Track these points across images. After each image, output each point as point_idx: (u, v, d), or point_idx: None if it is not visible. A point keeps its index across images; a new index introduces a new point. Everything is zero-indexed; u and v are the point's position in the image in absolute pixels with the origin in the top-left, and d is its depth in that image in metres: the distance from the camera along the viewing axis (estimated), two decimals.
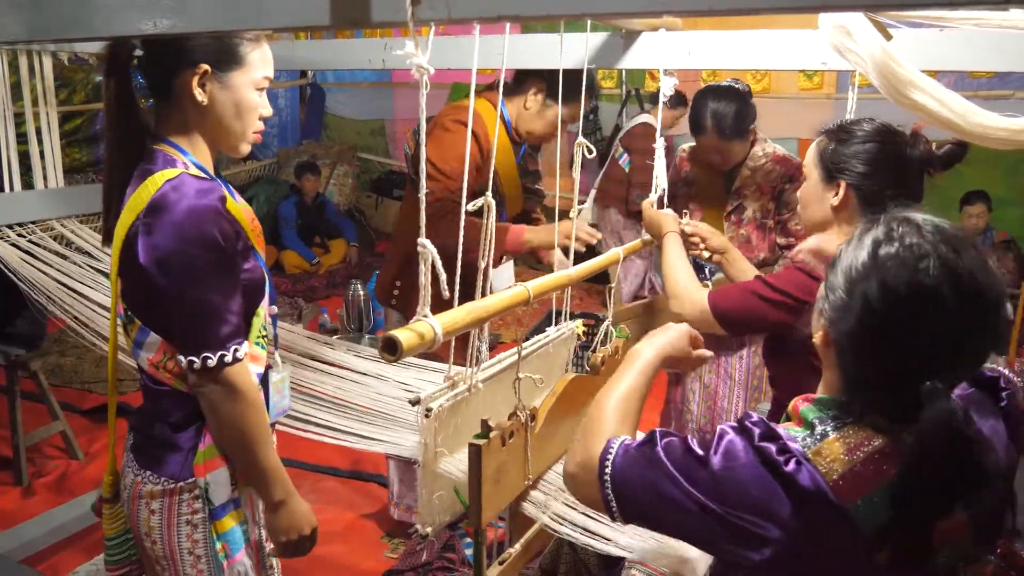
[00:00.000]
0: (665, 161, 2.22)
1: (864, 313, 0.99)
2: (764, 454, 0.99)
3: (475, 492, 1.43)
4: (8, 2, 1.36)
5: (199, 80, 1.37)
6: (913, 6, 0.74)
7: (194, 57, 1.36)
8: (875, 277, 0.98)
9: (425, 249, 1.07)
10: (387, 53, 2.62)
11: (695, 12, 0.85)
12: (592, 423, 1.20)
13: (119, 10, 1.22)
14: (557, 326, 1.92)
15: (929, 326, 0.96)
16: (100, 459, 3.58)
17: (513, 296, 1.36)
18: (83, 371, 4.56)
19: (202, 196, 1.31)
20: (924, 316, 0.96)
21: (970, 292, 0.95)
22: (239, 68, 1.39)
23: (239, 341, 1.36)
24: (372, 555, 2.89)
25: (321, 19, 1.04)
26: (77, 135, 6.08)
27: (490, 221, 1.42)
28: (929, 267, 0.95)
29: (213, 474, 1.43)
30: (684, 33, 2.19)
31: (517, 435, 1.54)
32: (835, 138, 1.65)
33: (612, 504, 1.10)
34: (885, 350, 0.99)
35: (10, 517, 3.03)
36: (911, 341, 0.97)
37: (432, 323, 1.07)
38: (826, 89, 5.65)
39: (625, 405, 1.22)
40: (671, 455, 1.05)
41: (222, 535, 1.45)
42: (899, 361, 0.98)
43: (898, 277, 0.96)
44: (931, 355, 0.97)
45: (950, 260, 0.95)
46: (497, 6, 0.92)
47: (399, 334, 1.02)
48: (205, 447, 1.43)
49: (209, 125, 1.42)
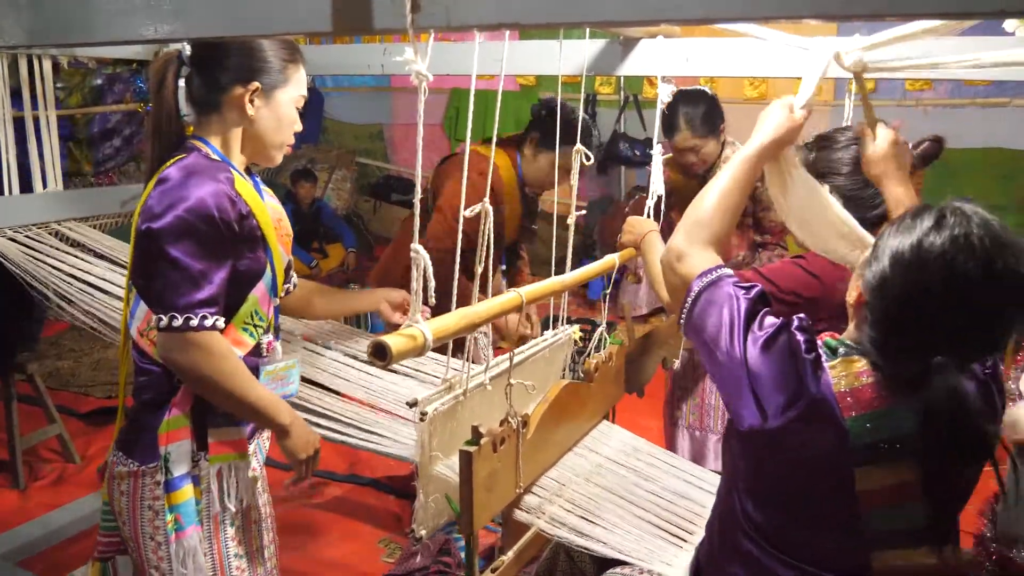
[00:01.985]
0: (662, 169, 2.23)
1: (901, 293, 1.10)
2: (794, 339, 1.17)
3: (467, 499, 1.44)
4: (8, 6, 1.36)
5: (250, 96, 1.48)
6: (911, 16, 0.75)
7: (248, 75, 1.48)
8: (916, 265, 1.08)
9: (418, 255, 1.08)
10: (386, 58, 2.63)
11: (693, 20, 0.86)
12: (692, 218, 1.36)
13: (120, 15, 1.22)
14: (554, 331, 1.92)
15: (955, 316, 1.07)
16: (97, 462, 3.57)
17: (505, 302, 1.37)
18: (80, 375, 4.56)
19: (206, 171, 1.40)
20: (952, 307, 1.07)
21: (1000, 288, 1.05)
22: (284, 86, 1.51)
23: (212, 311, 1.39)
24: (369, 559, 2.89)
25: (323, 26, 1.04)
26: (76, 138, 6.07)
27: (487, 226, 1.42)
28: (966, 263, 1.05)
29: (175, 445, 1.46)
30: (682, 40, 2.21)
31: (509, 441, 1.54)
32: (816, 147, 1.72)
33: (684, 311, 1.28)
34: (910, 326, 1.11)
35: (7, 520, 3.02)
36: (935, 323, 1.09)
37: (423, 328, 1.08)
38: (824, 96, 5.66)
39: (724, 203, 1.36)
40: (747, 308, 1.21)
41: (175, 507, 1.46)
42: (920, 337, 1.10)
43: (936, 271, 1.07)
44: (952, 338, 1.09)
45: (987, 254, 1.05)
46: (496, 14, 0.93)
47: (389, 339, 1.02)
48: (171, 417, 1.46)
49: (250, 135, 1.53)
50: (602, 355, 1.92)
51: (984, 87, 5.04)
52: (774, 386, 1.15)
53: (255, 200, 1.49)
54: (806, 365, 1.15)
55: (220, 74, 1.48)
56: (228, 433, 1.53)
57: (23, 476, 3.35)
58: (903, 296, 1.10)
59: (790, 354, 1.16)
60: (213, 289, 1.39)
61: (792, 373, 1.15)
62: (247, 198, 1.47)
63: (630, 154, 6.16)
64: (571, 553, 1.70)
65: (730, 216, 1.37)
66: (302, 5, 1.05)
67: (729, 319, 1.20)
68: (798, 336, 1.18)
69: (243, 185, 1.48)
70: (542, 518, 1.61)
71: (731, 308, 1.21)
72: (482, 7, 0.92)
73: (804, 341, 1.18)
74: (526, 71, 2.37)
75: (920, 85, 5.26)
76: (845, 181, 1.65)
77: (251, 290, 1.50)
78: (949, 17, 0.70)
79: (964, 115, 5.24)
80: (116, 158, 6.20)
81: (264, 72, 1.49)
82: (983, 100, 5.16)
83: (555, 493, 1.68)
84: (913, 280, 1.09)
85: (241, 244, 1.46)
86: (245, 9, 1.11)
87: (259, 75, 1.49)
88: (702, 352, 1.27)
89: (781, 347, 1.17)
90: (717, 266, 1.29)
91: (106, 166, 6.17)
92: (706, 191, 1.38)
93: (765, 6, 0.79)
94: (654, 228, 2.05)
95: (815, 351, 1.18)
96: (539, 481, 1.70)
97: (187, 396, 1.48)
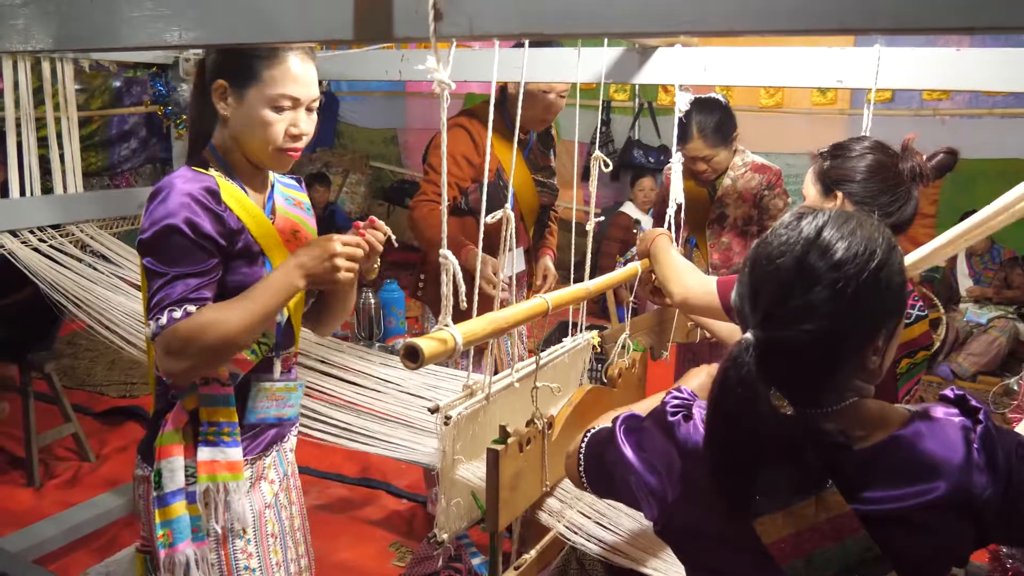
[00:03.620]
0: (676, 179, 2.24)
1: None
2: (663, 407, 1.13)
3: (492, 496, 1.46)
4: (36, 12, 1.38)
5: (220, 94, 1.43)
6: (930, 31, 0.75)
7: (216, 72, 1.44)
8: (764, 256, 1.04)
9: (447, 260, 1.09)
10: (403, 64, 2.65)
11: (714, 32, 0.86)
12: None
13: (145, 22, 1.24)
14: (572, 337, 1.93)
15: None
16: (112, 461, 3.60)
17: (532, 308, 1.39)
18: (96, 374, 4.60)
19: (186, 183, 1.37)
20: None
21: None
22: (255, 85, 1.41)
23: (188, 307, 1.32)
24: (381, 563, 2.89)
25: (344, 33, 1.05)
26: (94, 140, 6.13)
27: (509, 232, 1.43)
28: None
29: (167, 460, 1.43)
30: (700, 49, 2.21)
31: (534, 442, 1.55)
32: (831, 155, 1.72)
33: (581, 468, 1.26)
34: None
35: (23, 517, 3.05)
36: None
37: (453, 332, 1.09)
38: (840, 105, 5.65)
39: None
40: (626, 421, 1.18)
41: (166, 522, 1.43)
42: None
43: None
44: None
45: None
46: (518, 23, 0.94)
47: (421, 342, 1.03)
48: (164, 432, 1.44)
49: (233, 136, 1.47)
50: (625, 361, 1.93)
51: (1002, 97, 5.01)
52: (652, 463, 1.12)
53: (249, 213, 1.44)
54: (673, 427, 1.10)
55: (205, 74, 1.47)
56: (220, 452, 1.45)
57: (38, 474, 3.38)
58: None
59: (657, 426, 1.13)
60: (191, 289, 1.33)
61: (662, 442, 1.11)
62: (239, 211, 1.42)
63: (644, 161, 6.17)
64: (583, 561, 1.70)
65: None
66: (325, 13, 1.07)
67: (613, 446, 1.18)
68: (667, 401, 1.14)
69: (234, 198, 1.42)
70: (562, 522, 1.61)
71: (610, 435, 1.20)
72: (504, 17, 0.93)
73: (671, 407, 1.13)
74: (543, 78, 2.38)
75: (937, 95, 5.24)
76: (859, 189, 1.65)
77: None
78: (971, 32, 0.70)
79: (982, 125, 5.21)
80: (132, 160, 6.26)
81: (231, 69, 1.42)
82: (1001, 110, 5.13)
83: (576, 497, 1.69)
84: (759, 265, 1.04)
85: (232, 259, 1.41)
86: (268, 16, 1.13)
87: (226, 72, 1.43)
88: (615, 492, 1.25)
89: (650, 418, 1.15)
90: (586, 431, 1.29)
91: (123, 168, 6.23)
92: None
93: (785, 19, 0.80)
94: (664, 232, 2.05)
95: (683, 411, 1.12)
96: (561, 484, 1.71)
97: (181, 412, 1.45)
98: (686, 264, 1.92)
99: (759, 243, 1.06)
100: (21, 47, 1.40)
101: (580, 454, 1.26)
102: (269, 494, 1.57)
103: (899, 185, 1.65)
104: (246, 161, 1.49)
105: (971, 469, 0.98)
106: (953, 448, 1.00)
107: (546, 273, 2.79)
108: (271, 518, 1.57)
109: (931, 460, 0.99)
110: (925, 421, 1.03)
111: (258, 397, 1.52)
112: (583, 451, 1.26)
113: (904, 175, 1.65)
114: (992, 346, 4.77)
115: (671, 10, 0.85)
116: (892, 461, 1.00)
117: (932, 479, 0.98)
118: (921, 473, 0.99)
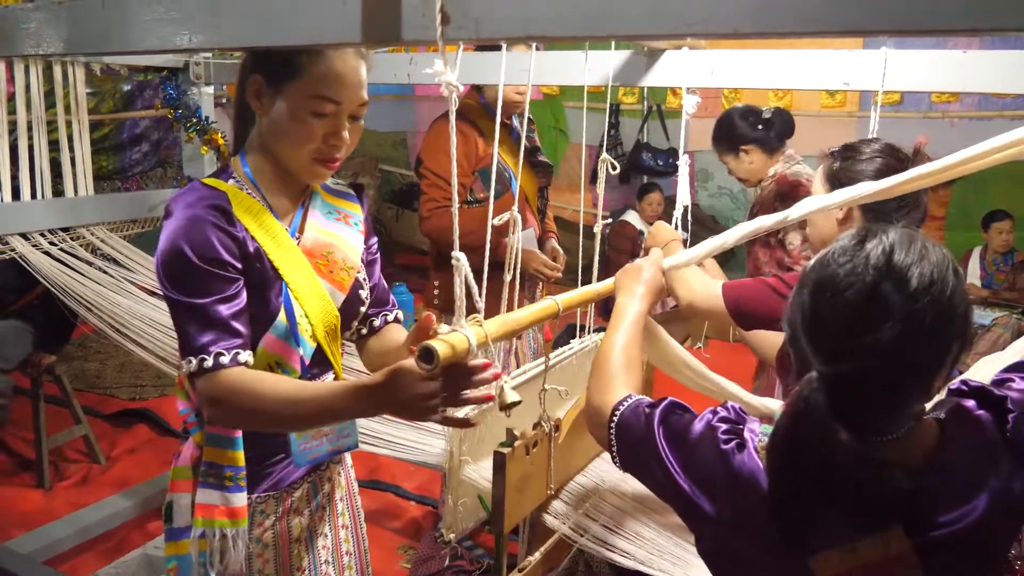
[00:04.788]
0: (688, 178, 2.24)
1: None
2: (713, 431, 1.09)
3: (499, 499, 1.46)
4: (47, 16, 1.40)
5: (255, 91, 1.30)
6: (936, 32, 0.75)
7: (252, 67, 1.30)
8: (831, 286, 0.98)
9: (459, 263, 1.09)
10: (412, 68, 2.65)
11: (720, 35, 0.86)
12: (603, 374, 1.33)
13: (156, 25, 1.24)
14: (581, 339, 1.93)
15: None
16: (121, 463, 3.62)
17: (543, 309, 1.39)
18: (106, 376, 4.62)
19: (191, 205, 1.23)
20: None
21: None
22: (291, 83, 1.26)
23: (227, 346, 1.21)
24: (389, 566, 2.90)
25: (352, 36, 1.06)
26: (105, 143, 6.16)
27: (515, 237, 1.44)
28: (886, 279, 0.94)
29: (178, 495, 1.37)
30: (707, 52, 2.21)
31: (541, 445, 1.56)
32: (840, 157, 1.70)
33: (614, 448, 1.22)
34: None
35: (33, 519, 3.07)
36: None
37: (467, 334, 1.09)
38: (848, 107, 5.64)
39: (627, 356, 1.35)
40: (666, 420, 1.15)
41: (173, 557, 1.38)
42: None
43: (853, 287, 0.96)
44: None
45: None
46: (524, 26, 0.94)
47: (436, 344, 1.03)
48: (177, 465, 1.38)
49: (265, 141, 1.33)
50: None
51: (1012, 99, 4.99)
52: (698, 478, 1.09)
53: (268, 232, 1.29)
54: (728, 456, 1.06)
55: (242, 71, 1.33)
56: (220, 496, 1.32)
57: (48, 476, 3.40)
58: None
59: (708, 449, 1.09)
60: (223, 324, 1.21)
61: (713, 466, 1.07)
62: (255, 230, 1.27)
63: (653, 164, 6.16)
64: (591, 564, 1.70)
65: (635, 368, 1.35)
66: (333, 16, 1.07)
67: (652, 435, 1.14)
68: (717, 426, 1.11)
69: (251, 214, 1.28)
70: (567, 523, 1.62)
71: (648, 432, 1.15)
72: (511, 20, 0.93)
73: (723, 434, 1.09)
74: (551, 81, 2.39)
75: (946, 97, 5.22)
76: None
77: (258, 342, 1.29)
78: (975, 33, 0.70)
79: (991, 127, 5.17)
80: (144, 163, 6.28)
81: (268, 64, 1.27)
82: (1011, 112, 5.11)
83: (581, 499, 1.69)
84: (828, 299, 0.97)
85: (251, 287, 1.27)
86: (276, 19, 1.13)
87: (262, 67, 1.28)
88: (649, 486, 1.22)
89: (695, 435, 1.11)
90: (622, 399, 1.24)
91: (134, 171, 6.25)
92: (606, 353, 1.37)
93: (792, 21, 0.80)
94: (677, 237, 2.05)
95: (736, 437, 1.08)
96: (566, 486, 1.72)
97: (192, 448, 1.36)
98: (694, 269, 1.92)
99: (817, 266, 1.00)
100: (33, 51, 1.41)
101: (612, 436, 1.22)
102: (297, 528, 1.46)
103: (908, 192, 1.64)
104: (278, 169, 1.33)
105: (1012, 475, 0.97)
106: (992, 457, 0.99)
107: (555, 255, 2.81)
108: (299, 552, 1.47)
109: (974, 476, 0.98)
110: (959, 430, 1.01)
111: (300, 441, 1.36)
112: (614, 434, 1.21)
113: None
114: (997, 343, 4.75)
115: (677, 12, 0.85)
116: (943, 483, 0.98)
117: (976, 495, 0.96)
118: (969, 491, 0.97)
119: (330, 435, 1.40)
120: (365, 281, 1.45)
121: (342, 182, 1.51)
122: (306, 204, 1.41)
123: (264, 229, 1.29)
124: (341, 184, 1.50)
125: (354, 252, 1.42)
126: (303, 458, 1.38)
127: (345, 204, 1.47)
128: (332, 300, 1.36)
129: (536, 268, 2.60)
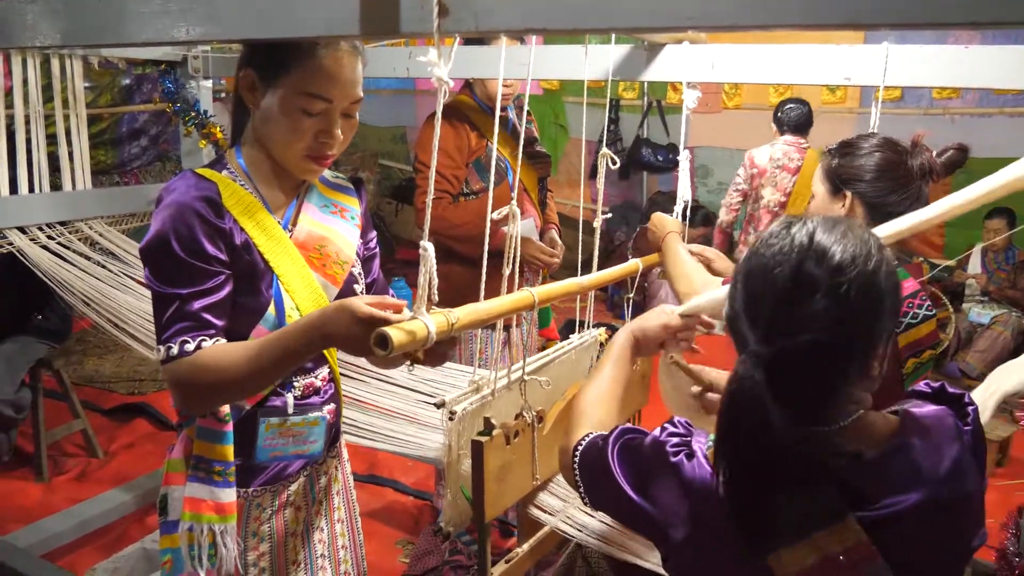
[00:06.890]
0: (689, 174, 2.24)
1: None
2: (661, 445, 1.11)
3: (478, 488, 1.47)
4: (43, 8, 1.39)
5: (248, 85, 1.30)
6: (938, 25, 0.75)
7: (246, 60, 1.31)
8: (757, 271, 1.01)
9: (427, 252, 1.10)
10: (411, 61, 2.65)
11: (721, 28, 0.86)
12: (575, 412, 1.33)
13: (153, 17, 1.24)
14: (580, 334, 1.93)
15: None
16: (120, 457, 3.63)
17: (517, 300, 1.38)
18: (104, 371, 4.62)
19: (181, 194, 1.23)
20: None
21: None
22: (283, 78, 1.26)
23: (194, 335, 1.21)
24: (387, 560, 2.90)
25: (351, 28, 1.05)
26: (103, 137, 6.16)
27: (513, 228, 1.43)
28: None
29: (171, 488, 1.36)
30: (708, 46, 2.20)
31: (523, 435, 1.56)
32: (839, 153, 1.70)
33: (580, 488, 1.23)
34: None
35: (31, 513, 3.07)
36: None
37: (426, 321, 1.09)
38: (849, 103, 5.63)
39: (600, 393, 1.35)
40: (618, 445, 1.16)
41: (168, 550, 1.36)
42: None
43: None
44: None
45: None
46: (524, 19, 0.93)
47: (391, 332, 1.03)
48: (171, 458, 1.36)
49: (258, 134, 1.33)
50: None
51: (1013, 96, 4.98)
52: (657, 503, 1.09)
53: (259, 224, 1.29)
54: (678, 468, 1.08)
55: (239, 63, 1.33)
56: (208, 491, 1.31)
57: (47, 470, 3.41)
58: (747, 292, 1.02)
59: (659, 466, 1.10)
60: (192, 316, 1.21)
61: (665, 482, 1.09)
62: (246, 222, 1.27)
63: (653, 159, 6.15)
64: (589, 559, 1.70)
65: (606, 401, 1.33)
66: (330, 8, 1.07)
67: (607, 465, 1.15)
68: (666, 440, 1.12)
69: (241, 206, 1.27)
70: (557, 516, 1.62)
71: (603, 460, 1.16)
72: (510, 12, 0.93)
73: (671, 447, 1.10)
74: (551, 75, 2.38)
75: (947, 93, 5.21)
76: (868, 188, 1.64)
77: (249, 332, 1.29)
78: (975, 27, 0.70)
79: (992, 124, 5.18)
80: (143, 157, 6.28)
81: (261, 58, 1.28)
82: (1012, 109, 5.11)
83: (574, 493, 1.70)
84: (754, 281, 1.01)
85: (240, 278, 1.28)
86: (274, 12, 1.13)
87: (255, 61, 1.29)
88: (614, 517, 1.26)
89: (644, 453, 1.13)
90: (582, 437, 1.24)
91: (133, 165, 6.25)
92: (578, 395, 1.38)
93: (792, 14, 0.80)
94: (675, 229, 2.05)
95: (685, 448, 1.10)
96: (556, 479, 1.71)
97: (185, 442, 1.34)
98: (694, 264, 1.92)
99: (749, 255, 1.03)
100: (29, 43, 1.40)
101: (576, 475, 1.23)
102: (293, 522, 1.45)
103: (909, 183, 1.64)
104: (272, 162, 1.34)
105: (965, 470, 0.99)
106: (948, 451, 1.00)
107: (553, 244, 2.80)
108: (294, 546, 1.47)
109: (928, 466, 0.99)
110: (917, 424, 1.03)
111: (267, 434, 1.37)
112: (578, 473, 1.23)
113: (914, 172, 1.63)
114: (997, 341, 4.76)
115: (677, 5, 0.85)
116: (896, 470, 0.99)
117: (929, 483, 0.98)
118: (919, 479, 0.98)
119: (293, 439, 1.40)
120: (361, 276, 1.45)
121: (342, 175, 1.50)
122: (300, 197, 1.40)
123: (255, 221, 1.29)
124: (340, 177, 1.49)
125: (349, 246, 1.41)
126: (266, 453, 1.38)
127: (343, 197, 1.46)
128: (325, 293, 1.36)
129: (532, 255, 2.60)
